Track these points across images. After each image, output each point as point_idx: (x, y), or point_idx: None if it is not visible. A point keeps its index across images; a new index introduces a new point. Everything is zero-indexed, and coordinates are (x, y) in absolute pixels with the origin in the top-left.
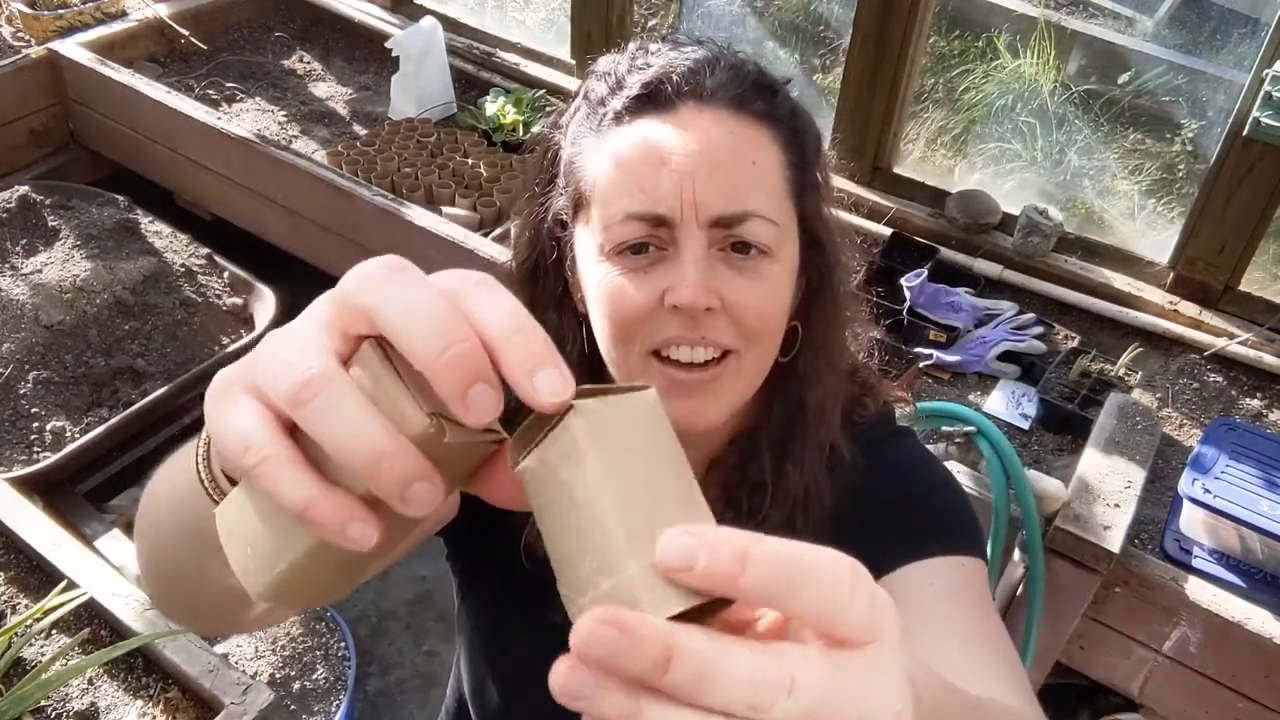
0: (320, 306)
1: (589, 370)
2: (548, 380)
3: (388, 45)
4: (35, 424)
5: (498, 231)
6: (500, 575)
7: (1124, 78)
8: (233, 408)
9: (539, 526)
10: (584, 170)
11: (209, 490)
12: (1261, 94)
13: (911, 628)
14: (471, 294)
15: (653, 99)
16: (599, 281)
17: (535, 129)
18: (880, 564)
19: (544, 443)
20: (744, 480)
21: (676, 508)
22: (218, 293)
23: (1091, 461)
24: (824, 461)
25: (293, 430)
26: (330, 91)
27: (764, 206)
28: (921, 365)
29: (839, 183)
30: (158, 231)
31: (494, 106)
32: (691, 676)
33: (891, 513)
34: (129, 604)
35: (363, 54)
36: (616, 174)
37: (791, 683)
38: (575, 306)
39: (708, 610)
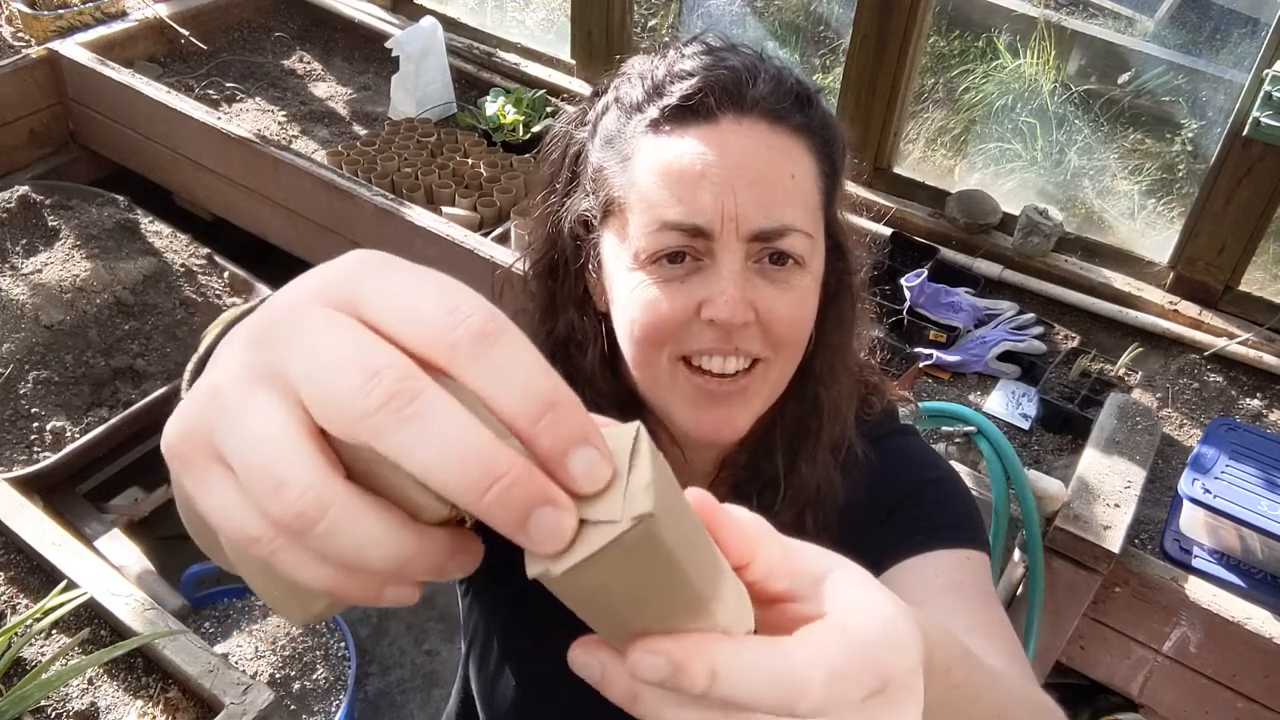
0: (293, 371)
1: (608, 370)
2: (585, 464)
3: (388, 45)
4: (35, 424)
5: (498, 231)
6: (509, 573)
7: (1124, 78)
8: (213, 488)
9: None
10: (616, 177)
11: None
12: (1261, 94)
13: None
14: (477, 358)
15: (693, 110)
16: (631, 289)
17: (544, 124)
18: (884, 557)
19: (595, 553)
20: (756, 477)
21: (712, 556)
22: (218, 293)
23: (1091, 461)
24: (837, 460)
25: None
26: (330, 91)
27: (801, 220)
28: (921, 365)
29: None
30: (158, 231)
31: (494, 106)
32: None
33: (894, 507)
34: (129, 604)
35: (363, 54)
36: (655, 185)
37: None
38: (595, 305)
39: None
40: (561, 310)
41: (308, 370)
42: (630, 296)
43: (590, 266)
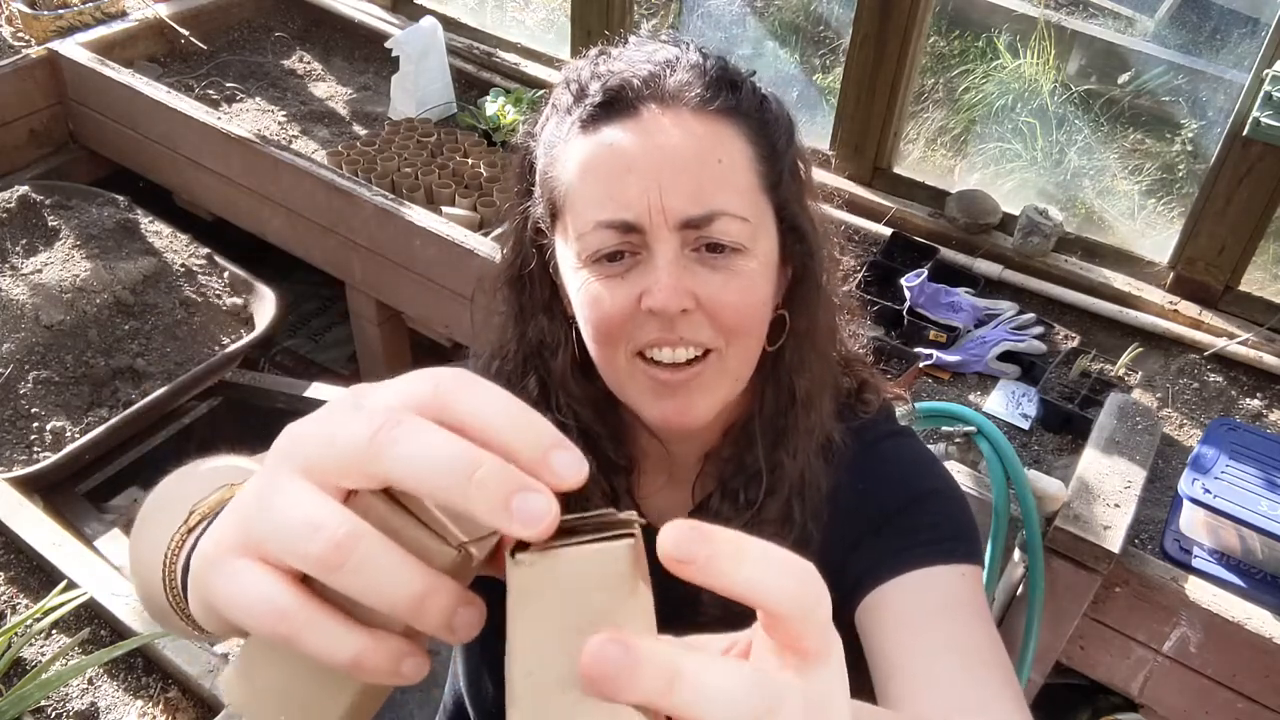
0: (307, 452)
1: (581, 372)
2: (563, 461)
3: (388, 45)
4: (35, 424)
5: (497, 231)
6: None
7: (1124, 78)
8: (238, 578)
9: (519, 609)
10: (557, 180)
11: (192, 626)
12: (1261, 94)
13: (909, 636)
14: (458, 398)
15: (615, 105)
16: (579, 288)
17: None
18: (878, 569)
19: (579, 550)
20: (740, 471)
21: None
22: (218, 293)
23: (1091, 461)
24: (817, 448)
25: (304, 580)
26: (330, 91)
27: (733, 204)
28: (921, 365)
29: (839, 183)
30: (158, 231)
31: (494, 106)
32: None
33: (892, 515)
34: (129, 604)
35: (363, 54)
36: (584, 183)
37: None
38: (564, 309)
39: None
40: (531, 316)
41: (318, 443)
42: (579, 296)
43: (551, 269)
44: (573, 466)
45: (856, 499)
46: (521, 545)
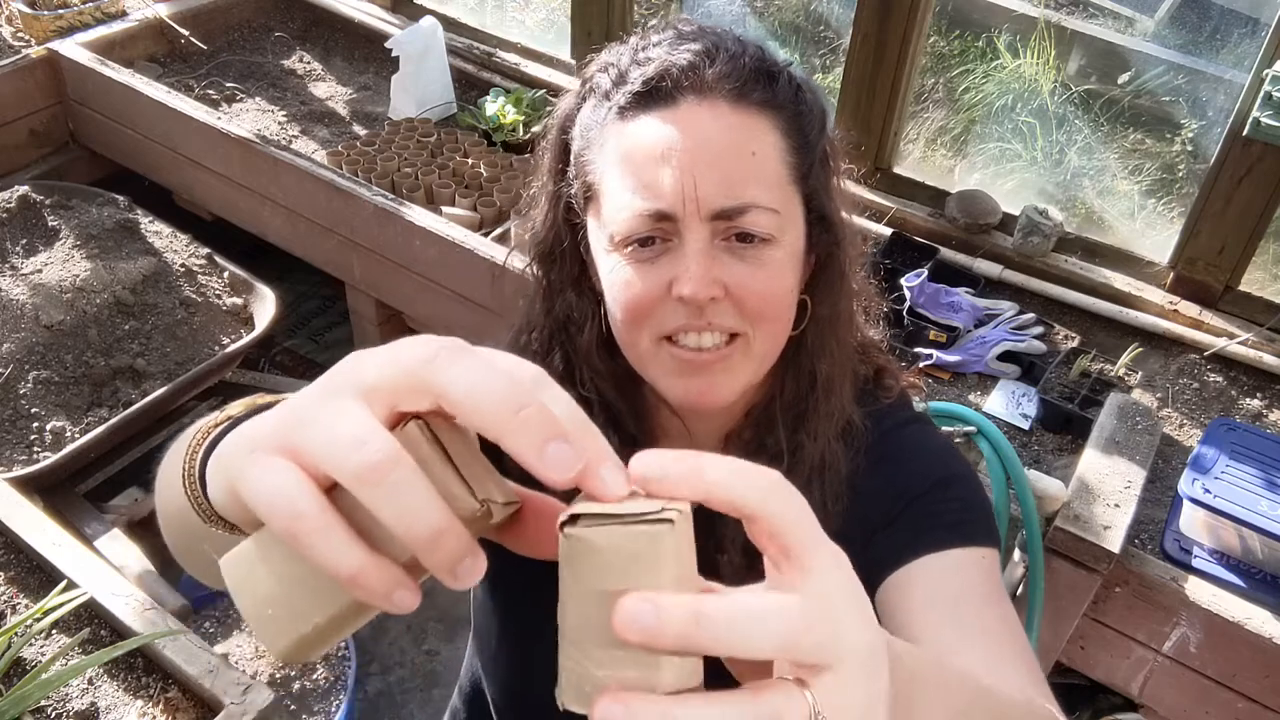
0: (365, 375)
1: (606, 348)
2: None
3: (388, 45)
4: (35, 424)
5: (498, 231)
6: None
7: (1124, 78)
8: (269, 472)
9: (567, 575)
10: (592, 164)
11: (200, 513)
12: (1261, 94)
13: (930, 617)
14: (532, 388)
15: (654, 94)
16: (609, 271)
17: (544, 124)
18: (903, 550)
19: (612, 530)
20: (761, 452)
21: None
22: (218, 293)
23: (1091, 461)
24: (837, 431)
25: (327, 490)
26: (330, 91)
27: (763, 197)
28: (921, 365)
29: None
30: (158, 231)
31: (494, 106)
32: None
33: (915, 499)
34: (129, 604)
35: (363, 54)
36: (620, 170)
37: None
38: (593, 286)
39: None
40: (560, 292)
41: (381, 361)
42: (609, 278)
43: (583, 248)
44: (568, 459)
45: (878, 482)
46: (570, 520)
